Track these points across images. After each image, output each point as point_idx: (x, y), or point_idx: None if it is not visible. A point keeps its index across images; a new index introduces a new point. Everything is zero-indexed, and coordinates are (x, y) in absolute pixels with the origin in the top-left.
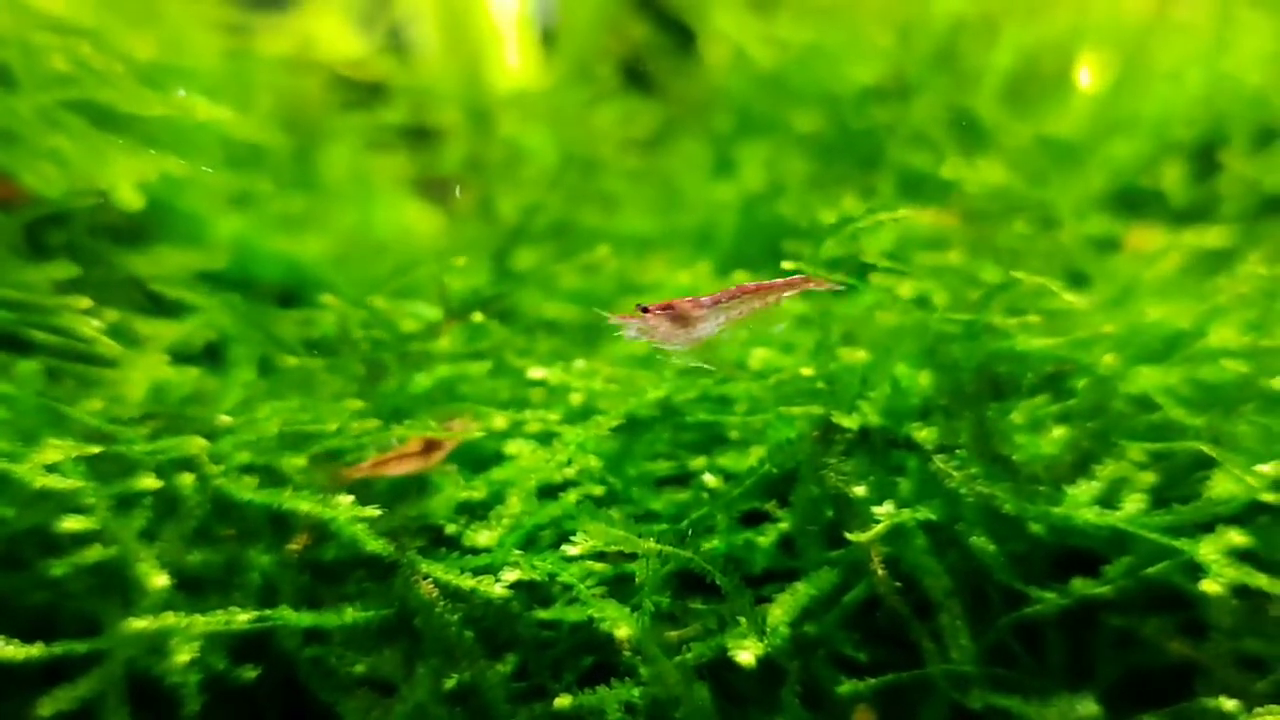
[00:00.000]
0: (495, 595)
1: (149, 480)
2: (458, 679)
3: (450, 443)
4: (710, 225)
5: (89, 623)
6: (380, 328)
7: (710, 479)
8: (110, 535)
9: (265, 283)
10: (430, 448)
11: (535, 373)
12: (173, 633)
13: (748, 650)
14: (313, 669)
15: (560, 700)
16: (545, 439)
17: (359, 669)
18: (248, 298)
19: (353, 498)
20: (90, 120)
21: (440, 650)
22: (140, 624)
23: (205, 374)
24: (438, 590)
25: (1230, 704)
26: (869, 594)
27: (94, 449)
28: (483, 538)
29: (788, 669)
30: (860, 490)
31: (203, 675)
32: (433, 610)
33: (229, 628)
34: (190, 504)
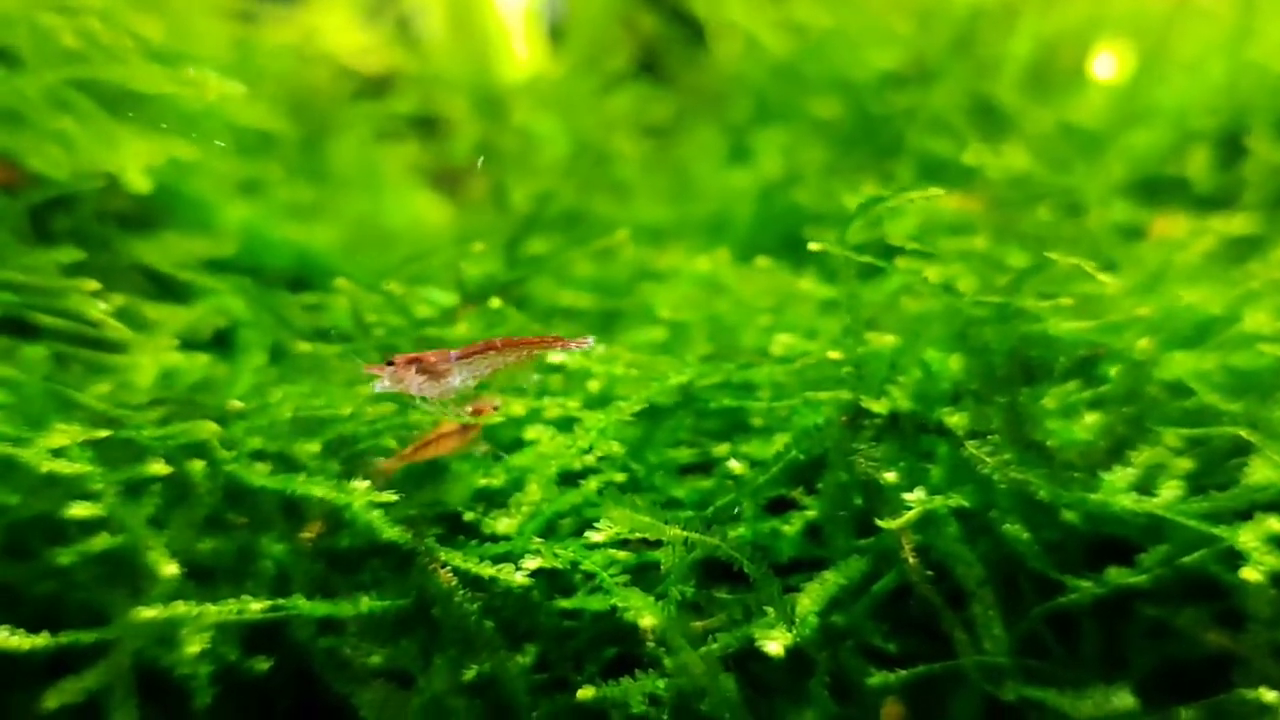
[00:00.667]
0: (515, 584)
1: (158, 466)
2: (477, 670)
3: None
4: (725, 213)
5: (96, 612)
6: (395, 313)
7: (735, 465)
8: (119, 522)
9: (274, 271)
10: (466, 426)
11: (554, 357)
12: (183, 623)
13: (776, 640)
14: (327, 660)
15: (583, 692)
16: (565, 425)
17: (375, 660)
18: (258, 283)
19: (369, 483)
20: (98, 103)
21: (459, 641)
22: (149, 613)
23: (215, 361)
24: (456, 579)
25: (1270, 696)
26: (899, 583)
27: (102, 433)
28: (502, 525)
29: (816, 660)
30: (891, 476)
31: (214, 667)
32: (451, 599)
33: (241, 618)
34: (201, 490)
